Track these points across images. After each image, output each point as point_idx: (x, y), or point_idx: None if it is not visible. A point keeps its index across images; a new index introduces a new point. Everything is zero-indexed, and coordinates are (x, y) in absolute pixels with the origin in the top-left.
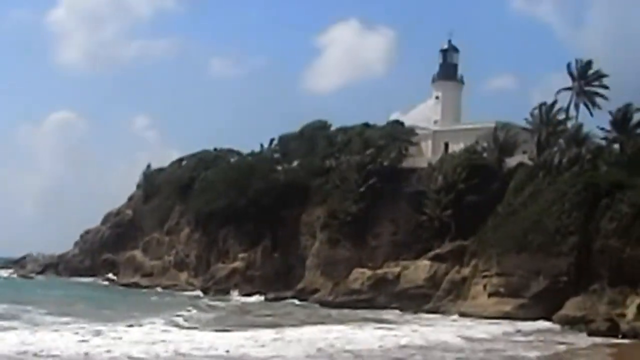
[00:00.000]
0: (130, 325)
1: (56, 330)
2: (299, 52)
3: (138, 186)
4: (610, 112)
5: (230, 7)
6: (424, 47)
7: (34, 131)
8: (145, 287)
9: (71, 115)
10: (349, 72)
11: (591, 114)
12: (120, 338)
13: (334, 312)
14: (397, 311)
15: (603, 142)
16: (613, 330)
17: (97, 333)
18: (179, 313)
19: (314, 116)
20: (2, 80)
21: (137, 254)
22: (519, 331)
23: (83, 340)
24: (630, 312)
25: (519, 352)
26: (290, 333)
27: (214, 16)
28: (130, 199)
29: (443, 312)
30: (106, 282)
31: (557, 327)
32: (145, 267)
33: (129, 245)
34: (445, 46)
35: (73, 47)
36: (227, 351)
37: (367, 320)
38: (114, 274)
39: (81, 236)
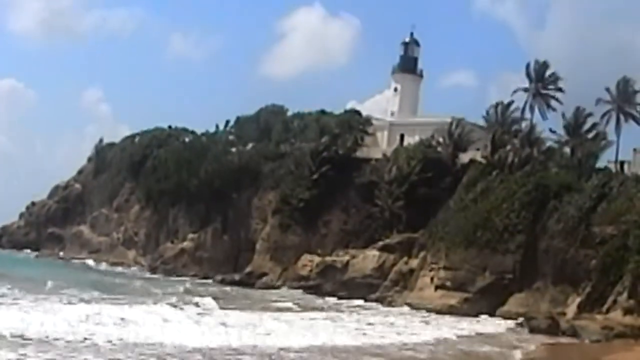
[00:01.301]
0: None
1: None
2: (261, 35)
3: (89, 159)
4: (563, 115)
5: None
6: (387, 38)
7: None
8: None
9: (19, 84)
10: (310, 58)
11: (543, 118)
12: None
13: None
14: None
15: (555, 145)
16: (553, 328)
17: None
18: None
19: (272, 100)
20: None
21: (85, 229)
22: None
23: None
24: (571, 310)
25: None
26: None
27: None
28: (79, 172)
29: (389, 303)
30: (51, 257)
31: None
32: (92, 244)
33: (76, 220)
34: (407, 39)
35: (26, 14)
36: None
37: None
38: (60, 249)
39: (27, 208)
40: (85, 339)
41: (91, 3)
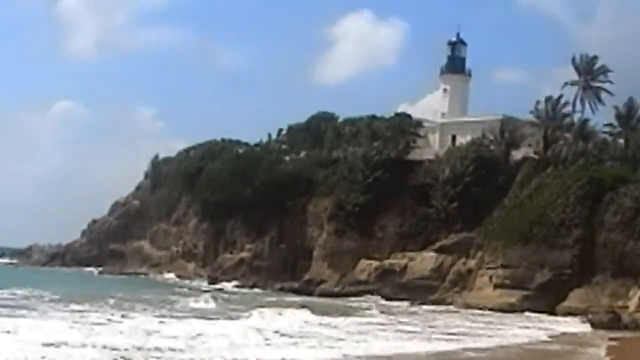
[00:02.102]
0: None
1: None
2: (310, 43)
3: (146, 176)
4: (616, 108)
5: None
6: (436, 39)
7: (41, 120)
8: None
9: (77, 104)
10: (361, 64)
11: (593, 111)
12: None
13: None
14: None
15: (609, 137)
16: (615, 322)
17: None
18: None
19: (323, 108)
20: (11, 68)
21: (145, 244)
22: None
23: None
24: (633, 304)
25: None
26: None
27: (225, 6)
28: (138, 189)
29: (449, 304)
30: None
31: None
32: (153, 258)
33: (136, 235)
34: (454, 39)
35: (83, 35)
36: None
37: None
38: (122, 265)
39: (89, 226)
40: None
41: (143, 22)
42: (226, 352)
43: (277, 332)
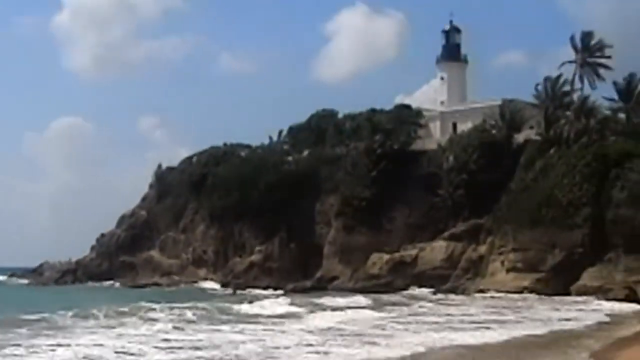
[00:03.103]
0: None
1: None
2: (307, 42)
3: (150, 186)
4: (614, 83)
5: (235, 2)
6: (431, 28)
7: (41, 138)
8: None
9: (78, 119)
10: (358, 58)
11: (592, 87)
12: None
13: None
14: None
15: (609, 113)
16: (631, 297)
17: None
18: None
19: (325, 105)
20: (9, 89)
21: (154, 253)
22: None
23: None
24: None
25: None
26: None
27: (220, 12)
28: (143, 199)
29: (463, 291)
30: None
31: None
32: (163, 267)
33: (145, 245)
34: (447, 27)
35: (79, 51)
36: None
37: None
38: (134, 276)
39: (97, 240)
40: None
41: (141, 34)
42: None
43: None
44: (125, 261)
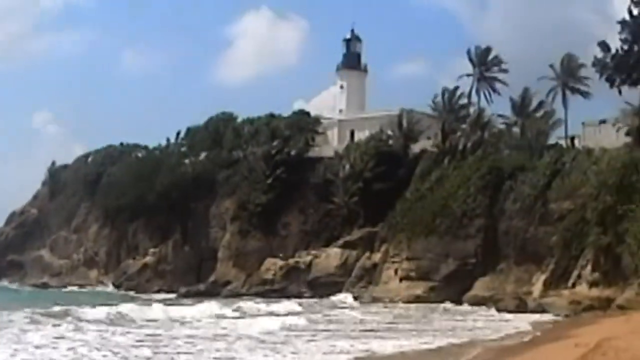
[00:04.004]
0: None
1: None
2: (210, 44)
3: (43, 183)
4: (511, 99)
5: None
6: (334, 36)
7: None
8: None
9: None
10: (260, 62)
11: (488, 102)
12: None
13: None
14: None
15: (504, 127)
16: (521, 307)
17: None
18: None
19: (225, 107)
20: None
21: (44, 253)
22: None
23: None
24: (536, 289)
25: None
26: None
27: (123, 9)
28: (35, 197)
29: (356, 298)
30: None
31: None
32: (53, 267)
33: (35, 245)
34: (349, 35)
35: None
36: None
37: None
38: (22, 276)
39: None
40: None
41: (44, 27)
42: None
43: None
44: (14, 260)
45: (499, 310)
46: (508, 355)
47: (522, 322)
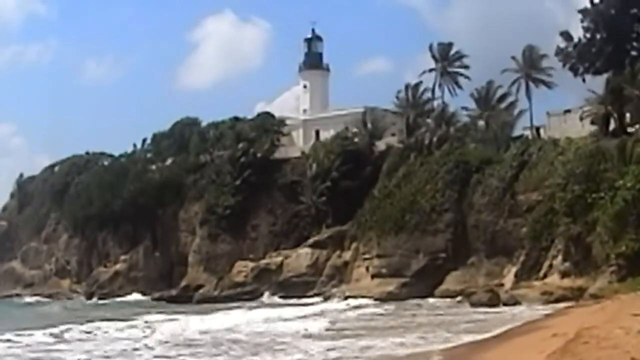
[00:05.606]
0: None
1: None
2: (173, 49)
3: (11, 195)
4: (472, 93)
5: (102, 9)
6: (296, 36)
7: None
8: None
9: None
10: (224, 66)
11: (452, 96)
12: None
13: None
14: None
15: (468, 120)
16: (494, 300)
17: None
18: None
19: (190, 112)
20: None
21: (16, 264)
22: None
23: None
24: (508, 281)
25: None
26: None
27: (87, 18)
28: (4, 209)
29: (328, 297)
30: None
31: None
32: (25, 278)
33: (6, 257)
34: (309, 35)
35: None
36: None
37: None
38: None
39: None
40: None
41: (7, 39)
42: None
43: None
44: None
45: (472, 303)
46: (480, 350)
47: (530, 311)
